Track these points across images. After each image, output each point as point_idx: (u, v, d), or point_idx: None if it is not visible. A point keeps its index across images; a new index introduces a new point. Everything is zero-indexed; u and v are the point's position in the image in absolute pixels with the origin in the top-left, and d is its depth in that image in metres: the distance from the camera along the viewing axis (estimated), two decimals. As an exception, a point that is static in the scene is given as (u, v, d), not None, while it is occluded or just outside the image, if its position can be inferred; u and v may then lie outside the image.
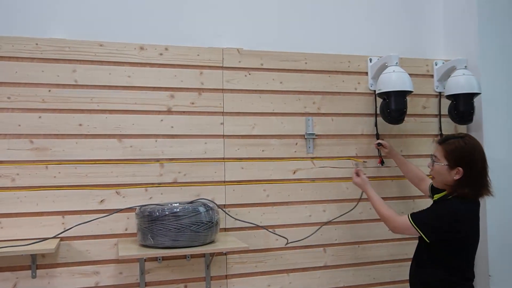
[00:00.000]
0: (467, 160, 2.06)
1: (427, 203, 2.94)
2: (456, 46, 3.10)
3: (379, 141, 2.76)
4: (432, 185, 2.33)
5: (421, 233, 2.09)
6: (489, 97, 2.92)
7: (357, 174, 2.61)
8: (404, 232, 2.19)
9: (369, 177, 2.87)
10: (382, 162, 2.83)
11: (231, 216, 2.59)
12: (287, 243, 2.66)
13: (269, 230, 2.64)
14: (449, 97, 2.87)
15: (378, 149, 2.84)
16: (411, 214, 2.14)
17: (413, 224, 2.10)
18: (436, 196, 2.22)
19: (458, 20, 3.10)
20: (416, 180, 2.65)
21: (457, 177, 2.07)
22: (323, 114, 2.82)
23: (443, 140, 2.16)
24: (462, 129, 3.03)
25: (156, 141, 2.53)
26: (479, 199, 2.14)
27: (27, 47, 2.37)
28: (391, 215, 2.24)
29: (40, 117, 2.38)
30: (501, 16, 3.01)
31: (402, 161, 2.74)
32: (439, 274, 2.10)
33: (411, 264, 2.28)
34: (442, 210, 2.09)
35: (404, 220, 2.14)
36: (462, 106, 2.80)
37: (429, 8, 3.19)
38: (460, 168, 2.05)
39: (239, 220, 2.59)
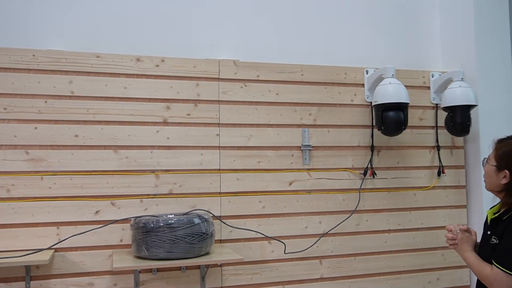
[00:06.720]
0: None
1: (424, 214, 2.95)
2: (453, 58, 3.11)
3: (465, 227, 2.01)
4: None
5: None
6: (486, 108, 2.92)
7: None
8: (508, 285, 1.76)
9: (364, 189, 2.86)
10: (373, 174, 2.83)
11: (228, 225, 2.58)
12: (285, 250, 2.66)
13: (267, 235, 2.64)
14: (445, 109, 2.86)
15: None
16: (497, 262, 1.77)
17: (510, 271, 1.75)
18: (490, 214, 1.91)
19: (455, 32, 3.11)
20: None
21: (504, 181, 1.83)
22: (320, 125, 2.82)
23: (500, 140, 1.92)
24: (459, 141, 3.03)
25: (151, 152, 2.54)
26: None
27: (24, 59, 2.38)
28: (489, 275, 1.80)
29: (36, 128, 2.39)
30: (498, 28, 3.01)
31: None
32: None
33: None
34: None
35: (498, 273, 1.76)
36: (459, 118, 2.79)
37: (426, 20, 3.20)
38: (507, 171, 1.82)
39: (237, 228, 2.59)
